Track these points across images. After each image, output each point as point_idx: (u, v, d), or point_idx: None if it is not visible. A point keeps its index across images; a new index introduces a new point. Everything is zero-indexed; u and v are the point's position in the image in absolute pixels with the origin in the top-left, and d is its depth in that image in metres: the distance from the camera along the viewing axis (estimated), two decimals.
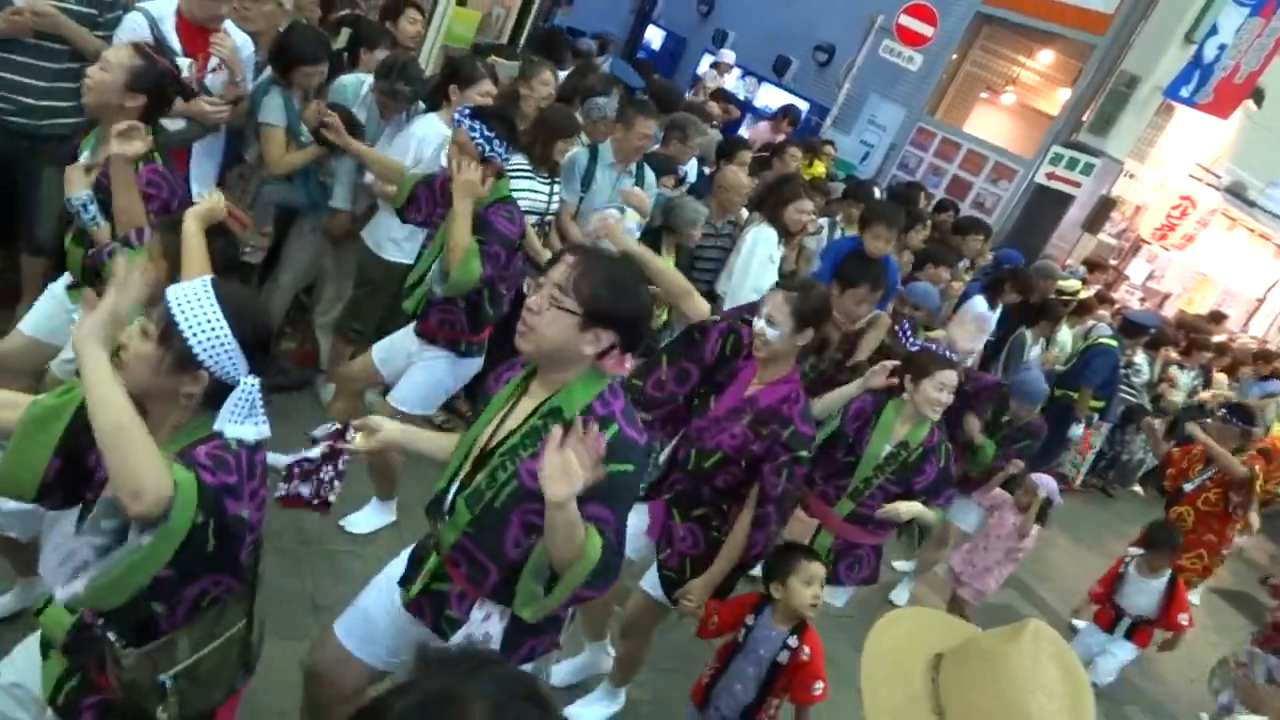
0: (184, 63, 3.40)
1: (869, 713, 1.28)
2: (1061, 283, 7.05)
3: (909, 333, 4.07)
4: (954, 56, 11.65)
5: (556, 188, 4.40)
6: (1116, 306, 8.80)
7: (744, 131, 9.90)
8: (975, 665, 1.23)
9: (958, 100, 12.10)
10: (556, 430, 1.71)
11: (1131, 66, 9.92)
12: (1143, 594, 4.34)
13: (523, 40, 7.32)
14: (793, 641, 2.68)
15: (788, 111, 9.29)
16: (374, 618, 2.17)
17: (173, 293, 1.63)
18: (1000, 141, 11.43)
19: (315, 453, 2.06)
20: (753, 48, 13.37)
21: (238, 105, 3.68)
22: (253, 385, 1.65)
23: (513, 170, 4.24)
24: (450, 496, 2.02)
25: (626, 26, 16.05)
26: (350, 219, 4.20)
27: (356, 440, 2.07)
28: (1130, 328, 7.22)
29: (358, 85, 4.10)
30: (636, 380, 2.85)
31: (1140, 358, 7.45)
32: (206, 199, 2.45)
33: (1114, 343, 6.69)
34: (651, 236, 4.45)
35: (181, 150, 3.60)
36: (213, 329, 1.60)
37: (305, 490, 2.12)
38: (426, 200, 3.35)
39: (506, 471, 1.93)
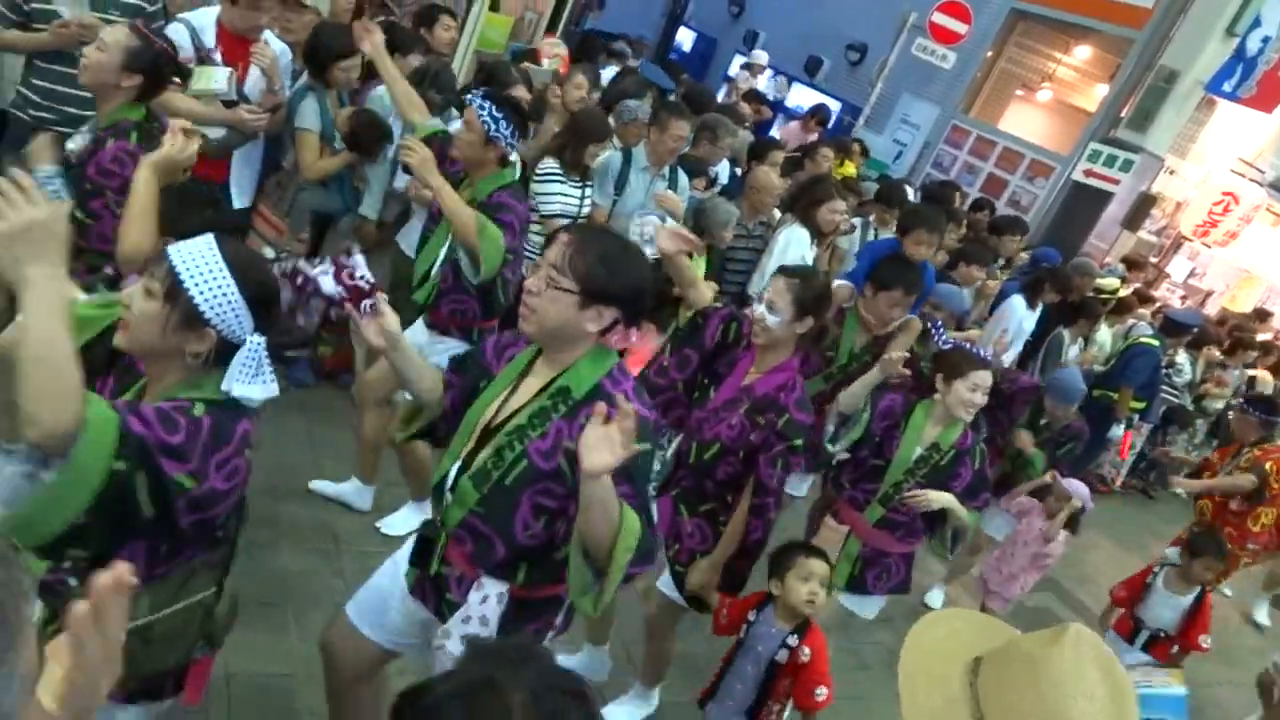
0: (224, 71, 3.46)
1: (907, 716, 1.27)
2: (1100, 281, 6.95)
3: (941, 331, 4.02)
4: (988, 54, 11.53)
5: (588, 191, 4.42)
6: (1157, 305, 8.65)
7: (775, 132, 9.87)
8: (1015, 669, 1.22)
9: (992, 98, 11.97)
10: (600, 406, 1.71)
11: (1171, 61, 9.75)
12: (1167, 608, 4.13)
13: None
14: (792, 640, 2.62)
15: (816, 111, 9.25)
16: (384, 599, 2.19)
17: (176, 250, 1.61)
18: (1036, 139, 11.28)
19: (328, 286, 1.94)
20: (784, 48, 13.32)
21: (276, 113, 3.74)
22: (259, 344, 1.63)
23: (544, 174, 4.28)
24: (453, 477, 2.02)
25: (658, 29, 16.05)
26: (379, 228, 4.25)
27: (366, 320, 1.95)
28: (1172, 327, 7.09)
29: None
30: (645, 369, 2.87)
31: (1182, 357, 7.31)
32: (166, 143, 2.38)
33: (1155, 342, 6.58)
34: None
35: (222, 158, 3.67)
36: (219, 285, 1.58)
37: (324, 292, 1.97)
38: (437, 156, 3.26)
39: (514, 451, 1.93)
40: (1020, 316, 5.75)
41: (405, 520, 3.69)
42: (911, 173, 11.20)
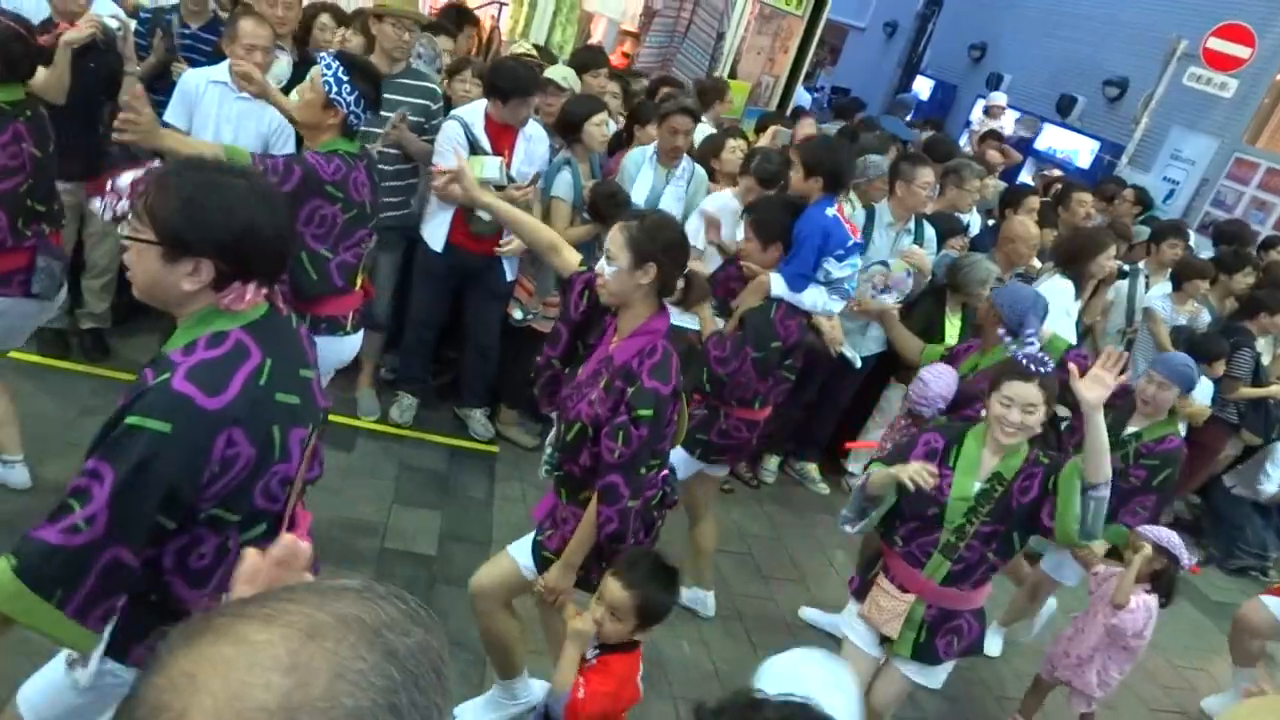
0: (495, 160, 3.79)
1: None
2: None
3: (1030, 339, 3.25)
4: (1278, 77, 10.30)
5: None
6: None
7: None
8: None
9: None
10: None
11: None
12: None
13: (791, 105, 7.44)
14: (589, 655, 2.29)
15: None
16: None
17: None
18: None
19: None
20: (1032, 88, 12.64)
21: (534, 183, 4.04)
22: None
23: None
24: None
25: (892, 80, 15.81)
26: None
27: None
28: None
29: (639, 157, 4.35)
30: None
31: None
32: None
33: None
34: (935, 296, 4.29)
35: (495, 235, 3.99)
36: None
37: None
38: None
39: None
40: None
41: None
42: (1187, 213, 10.16)
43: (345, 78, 2.79)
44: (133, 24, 3.89)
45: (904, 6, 16.07)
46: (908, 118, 9.26)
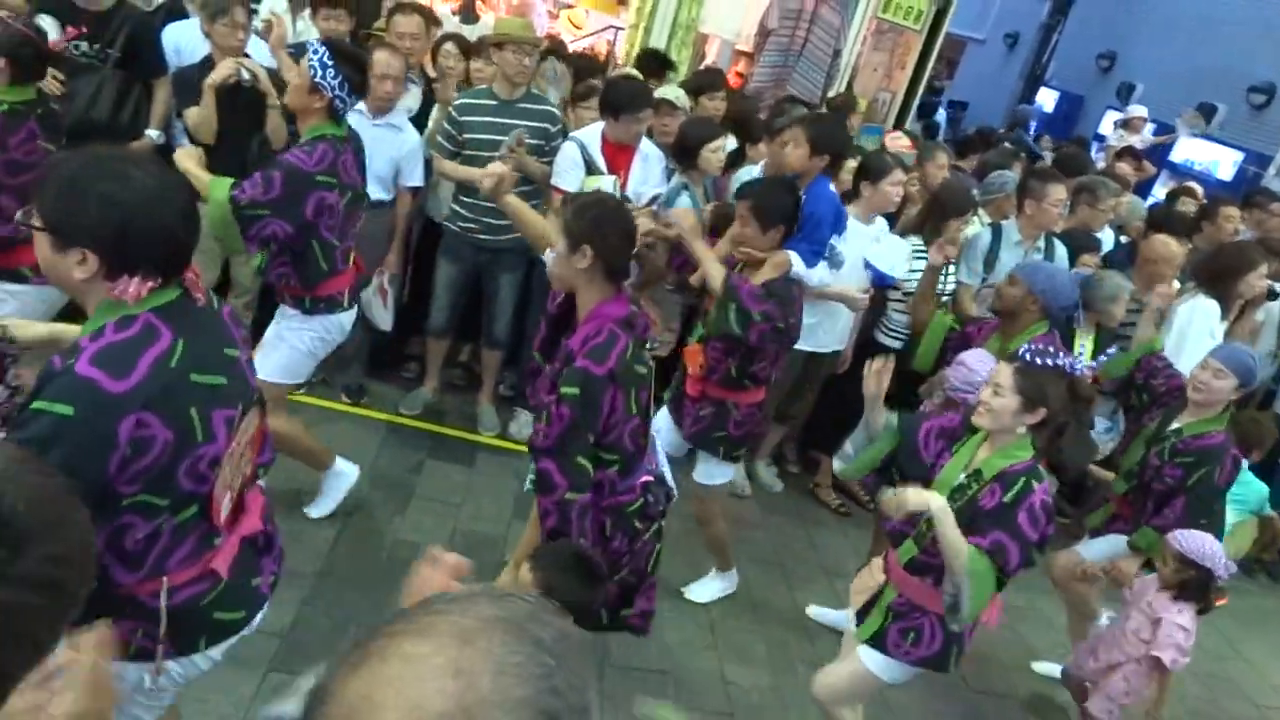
0: (610, 179, 3.85)
1: None
2: None
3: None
4: None
5: (952, 268, 4.26)
6: None
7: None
8: None
9: None
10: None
11: None
12: None
13: (908, 121, 7.28)
14: None
15: None
16: None
17: None
18: None
19: None
20: (1166, 97, 12.01)
21: (651, 204, 4.07)
22: None
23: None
24: None
25: (1014, 92, 15.30)
26: None
27: (15, 334, 1.88)
28: None
29: (746, 176, 4.34)
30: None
31: None
32: None
33: None
34: (1066, 315, 4.10)
35: None
36: None
37: None
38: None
39: None
40: None
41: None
42: None
43: (330, 63, 2.87)
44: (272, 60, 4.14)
45: (1027, 16, 15.55)
46: (1031, 125, 8.90)
